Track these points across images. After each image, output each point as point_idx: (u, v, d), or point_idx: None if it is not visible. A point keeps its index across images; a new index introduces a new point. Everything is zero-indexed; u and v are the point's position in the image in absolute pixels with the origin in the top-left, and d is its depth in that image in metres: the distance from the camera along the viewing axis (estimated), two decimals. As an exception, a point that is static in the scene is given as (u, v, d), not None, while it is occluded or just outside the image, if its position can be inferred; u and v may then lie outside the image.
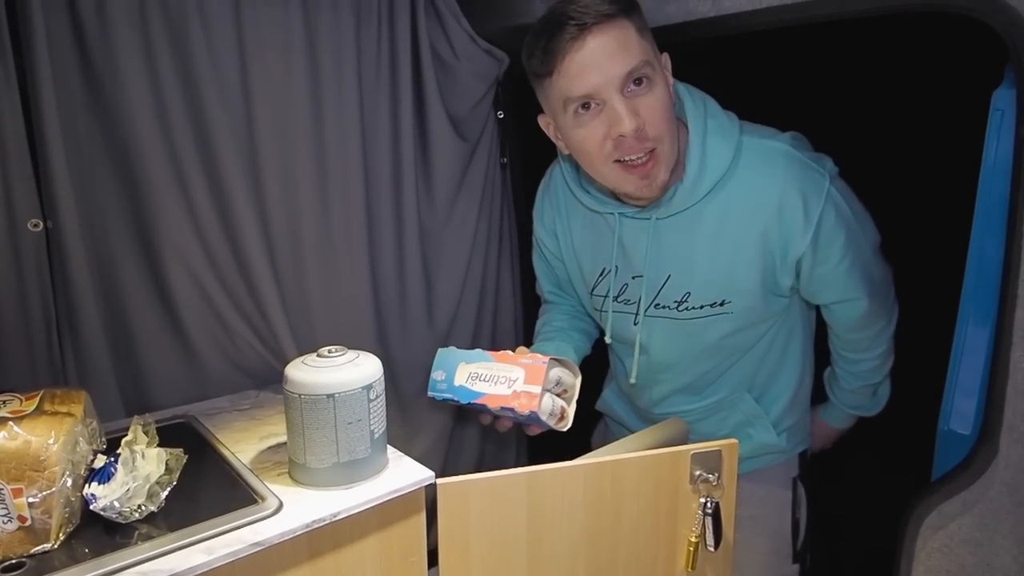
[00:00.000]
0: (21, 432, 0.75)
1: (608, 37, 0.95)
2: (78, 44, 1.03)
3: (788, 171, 1.03)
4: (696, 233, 1.08)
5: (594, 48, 0.95)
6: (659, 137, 0.98)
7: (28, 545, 0.75)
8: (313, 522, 0.82)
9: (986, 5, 0.91)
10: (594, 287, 1.21)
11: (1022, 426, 0.96)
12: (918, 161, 2.11)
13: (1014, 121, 0.96)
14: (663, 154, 1.00)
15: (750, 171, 1.04)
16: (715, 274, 1.08)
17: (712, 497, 0.98)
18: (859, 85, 2.18)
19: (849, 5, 1.03)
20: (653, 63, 0.98)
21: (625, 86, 0.96)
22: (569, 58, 0.96)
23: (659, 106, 0.98)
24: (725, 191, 1.05)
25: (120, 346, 1.14)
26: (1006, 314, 0.95)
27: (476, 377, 1.07)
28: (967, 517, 1.03)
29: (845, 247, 1.06)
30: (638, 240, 1.12)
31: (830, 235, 1.05)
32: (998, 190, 1.03)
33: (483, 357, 1.09)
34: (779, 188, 1.02)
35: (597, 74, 0.95)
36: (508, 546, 0.94)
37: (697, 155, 1.03)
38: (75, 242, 1.04)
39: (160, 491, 0.83)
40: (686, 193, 1.05)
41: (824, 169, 1.05)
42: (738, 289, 1.09)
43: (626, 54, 0.95)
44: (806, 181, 1.03)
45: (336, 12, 1.20)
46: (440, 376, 1.10)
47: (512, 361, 1.07)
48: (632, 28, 0.97)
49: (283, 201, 1.21)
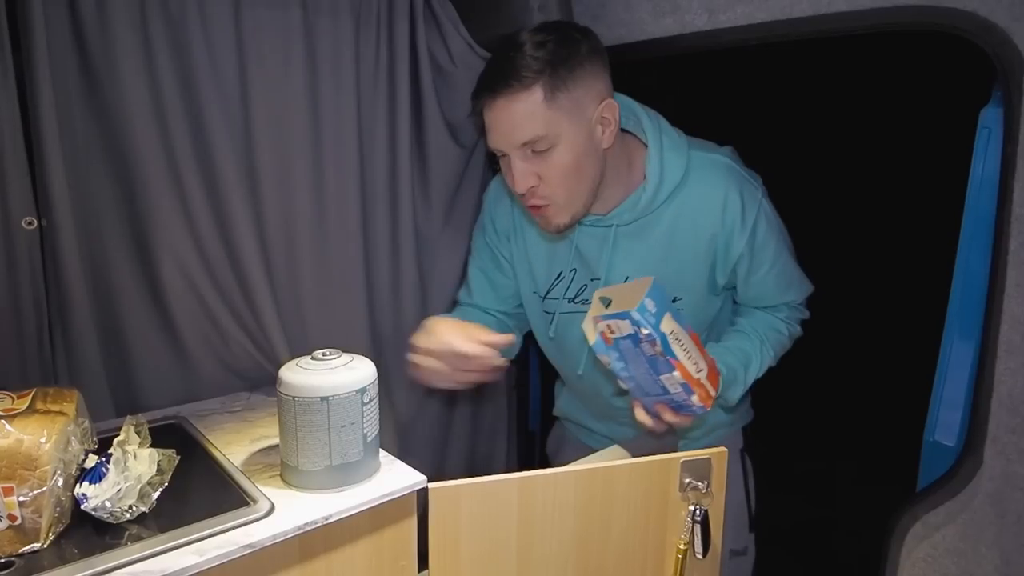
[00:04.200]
0: (13, 430, 0.74)
1: (513, 106, 1.04)
2: (77, 41, 1.02)
3: (730, 179, 1.14)
4: (651, 237, 1.17)
5: (499, 114, 1.06)
6: (551, 195, 1.08)
7: (17, 544, 0.74)
8: (305, 524, 0.82)
9: (975, 26, 0.93)
10: (548, 292, 1.27)
11: (1006, 438, 0.97)
12: (907, 177, 2.15)
13: (1001, 139, 0.98)
14: (555, 209, 1.10)
15: (698, 180, 1.15)
16: (667, 272, 1.17)
17: (701, 505, 0.99)
18: (850, 101, 2.21)
19: (841, 22, 1.06)
20: (559, 130, 1.05)
21: (524, 151, 1.06)
22: (485, 113, 1.09)
23: (556, 170, 1.07)
24: (678, 198, 1.15)
25: (112, 346, 1.13)
26: (991, 328, 0.96)
27: (676, 338, 0.96)
28: (951, 527, 1.04)
29: (776, 254, 1.18)
30: (596, 247, 1.20)
31: (763, 241, 1.16)
32: (984, 207, 1.05)
33: (682, 321, 0.98)
34: (723, 193, 1.13)
35: (500, 136, 1.07)
36: (498, 551, 0.94)
37: (656, 168, 1.13)
38: (69, 241, 1.04)
39: (151, 492, 0.83)
40: (647, 202, 1.14)
41: (757, 183, 1.18)
42: (687, 286, 1.19)
43: (524, 126, 1.04)
44: (744, 189, 1.14)
45: (335, 16, 1.21)
46: (652, 307, 0.95)
47: (700, 348, 1.00)
48: (541, 98, 1.03)
49: (279, 203, 1.21)
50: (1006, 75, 0.92)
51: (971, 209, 1.10)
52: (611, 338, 0.98)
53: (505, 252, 1.32)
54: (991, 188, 1.01)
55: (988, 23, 0.92)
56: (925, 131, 1.99)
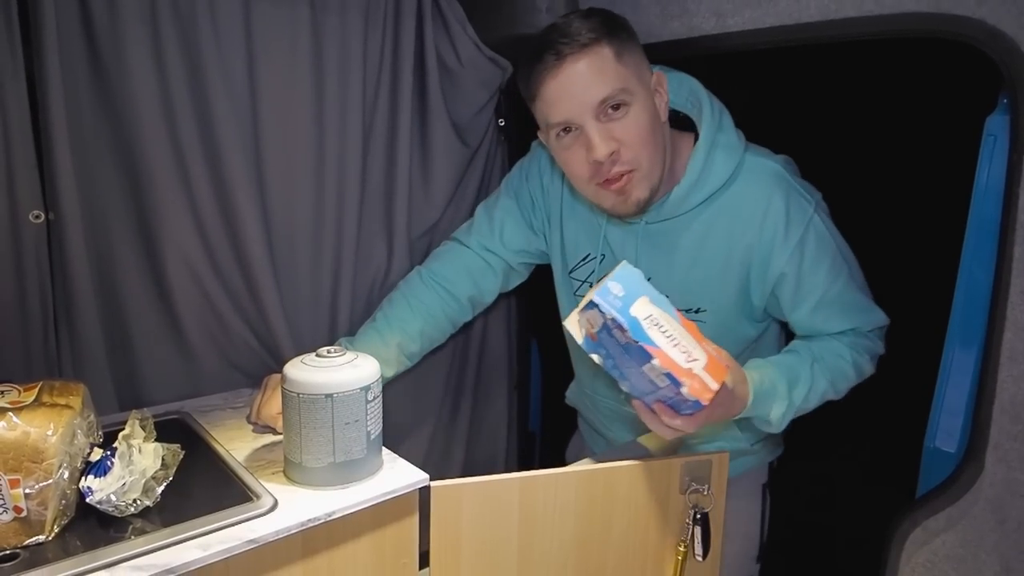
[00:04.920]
0: (20, 423, 0.75)
1: (583, 65, 0.98)
2: (87, 35, 1.03)
3: (776, 189, 1.05)
4: (681, 240, 1.10)
5: (569, 76, 0.98)
6: (635, 160, 1.01)
7: (22, 536, 0.75)
8: (308, 521, 0.83)
9: (982, 33, 0.93)
10: (573, 269, 1.23)
11: (1007, 445, 0.98)
12: (911, 182, 2.15)
13: (1006, 147, 0.98)
14: (640, 176, 1.02)
15: (742, 186, 1.06)
16: (692, 281, 1.11)
17: (702, 507, 1.00)
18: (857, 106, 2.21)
19: (848, 28, 1.06)
20: (632, 88, 1.00)
21: (600, 112, 0.99)
22: (546, 86, 1.00)
23: (636, 130, 1.00)
24: (716, 203, 1.07)
25: (116, 340, 1.14)
26: (994, 335, 0.97)
27: (655, 323, 0.87)
28: (951, 533, 1.05)
29: (829, 279, 1.06)
30: (625, 241, 1.15)
31: (813, 264, 1.05)
32: (989, 214, 1.05)
33: (668, 308, 0.89)
34: (766, 201, 1.05)
35: (572, 102, 0.99)
36: (499, 550, 0.94)
37: (698, 166, 1.05)
38: (76, 235, 1.04)
39: (156, 486, 0.83)
40: (679, 200, 1.07)
41: (812, 198, 1.07)
42: (712, 299, 1.11)
43: (600, 82, 0.98)
44: (791, 202, 1.05)
45: (343, 14, 1.21)
46: (617, 290, 0.87)
47: (698, 338, 0.89)
48: (610, 54, 0.99)
49: (285, 200, 1.22)
50: (1013, 83, 0.92)
51: (975, 216, 1.10)
52: (594, 333, 0.90)
53: (541, 203, 1.26)
54: (995, 195, 1.01)
55: (995, 31, 0.92)
56: (930, 137, 1.99)
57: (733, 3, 1.16)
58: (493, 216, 1.29)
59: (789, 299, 1.07)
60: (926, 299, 1.35)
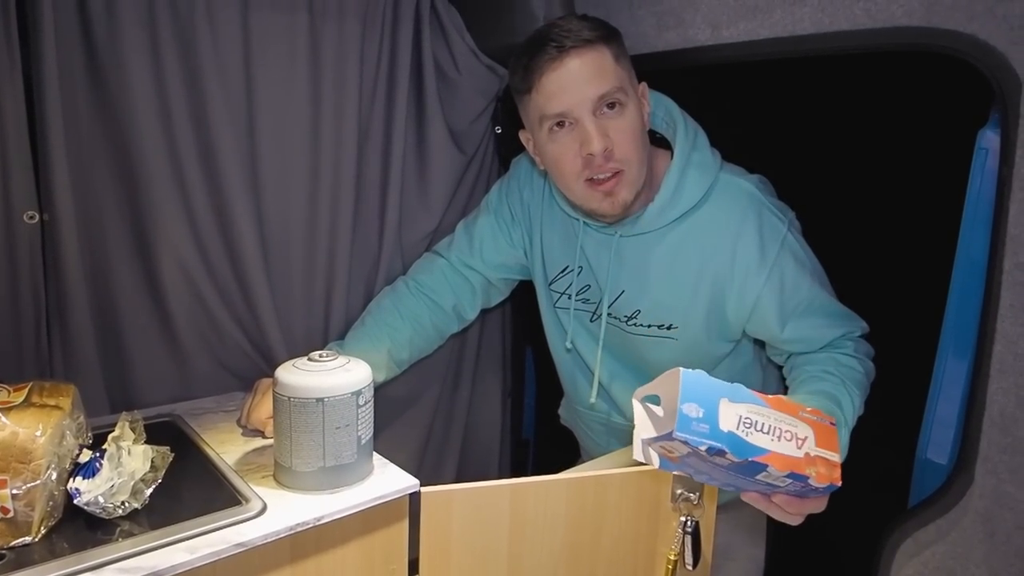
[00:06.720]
0: (8, 423, 0.75)
1: (584, 60, 1.00)
2: (85, 37, 1.03)
3: (748, 208, 1.06)
4: (654, 255, 1.11)
5: (571, 69, 1.00)
6: (625, 159, 1.02)
7: (8, 537, 0.75)
8: (297, 525, 0.83)
9: (973, 48, 0.94)
10: (552, 281, 1.25)
11: (997, 457, 0.98)
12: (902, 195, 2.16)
13: (998, 161, 0.99)
14: (628, 176, 1.04)
15: (715, 207, 1.08)
16: (663, 297, 1.12)
17: (692, 516, 0.99)
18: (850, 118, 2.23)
19: (842, 41, 1.06)
20: (627, 90, 1.03)
21: (597, 108, 1.01)
22: (546, 77, 1.01)
23: (628, 131, 1.02)
24: (689, 221, 1.09)
25: (109, 342, 1.14)
26: (984, 348, 0.97)
27: (750, 424, 0.75)
28: (941, 545, 1.05)
29: (811, 294, 1.06)
30: (600, 253, 1.17)
31: (795, 283, 1.05)
32: (980, 227, 1.06)
33: (747, 395, 0.77)
34: (737, 225, 1.05)
35: (571, 94, 1.00)
36: (489, 557, 0.94)
37: (673, 182, 1.07)
38: (70, 236, 1.04)
39: (145, 488, 0.83)
40: (653, 216, 1.09)
41: (785, 216, 1.08)
42: (683, 317, 1.11)
43: (600, 78, 1.00)
44: (764, 222, 1.05)
45: (341, 21, 1.22)
46: (695, 412, 0.74)
47: (791, 412, 0.78)
48: (609, 55, 1.02)
49: (280, 205, 1.22)
50: (1003, 98, 0.93)
51: (967, 229, 1.11)
52: (675, 457, 0.79)
53: (521, 217, 1.27)
54: (987, 208, 1.02)
55: (987, 46, 0.93)
56: (923, 150, 2.00)
57: (728, 14, 1.17)
58: (472, 233, 1.31)
59: (775, 318, 1.06)
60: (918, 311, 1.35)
